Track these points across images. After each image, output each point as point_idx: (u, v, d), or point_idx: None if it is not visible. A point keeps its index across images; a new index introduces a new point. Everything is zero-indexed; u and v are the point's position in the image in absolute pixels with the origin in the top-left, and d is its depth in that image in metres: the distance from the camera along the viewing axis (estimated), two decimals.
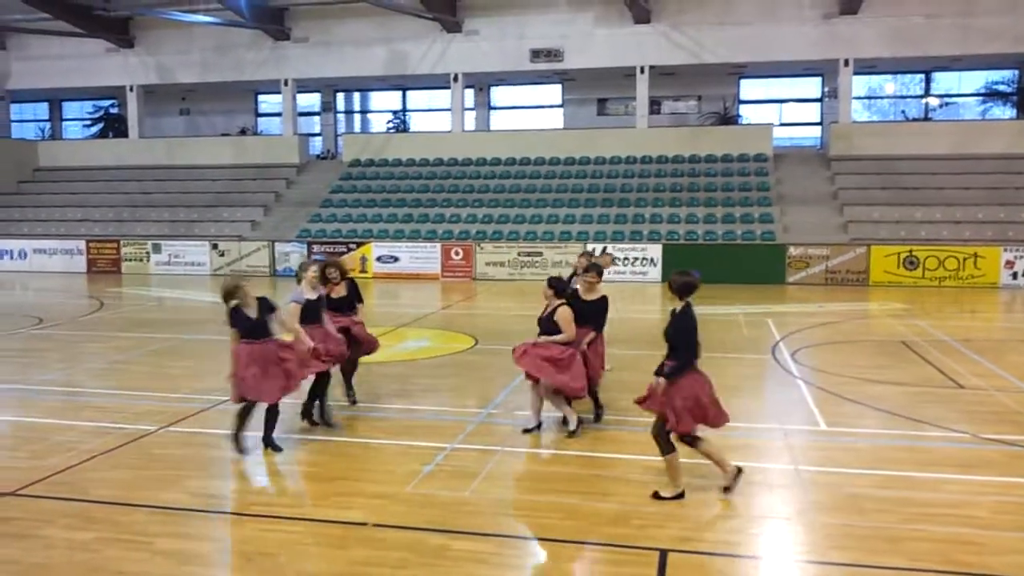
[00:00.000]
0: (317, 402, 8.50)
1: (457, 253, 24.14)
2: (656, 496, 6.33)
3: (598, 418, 8.45)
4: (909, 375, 10.84)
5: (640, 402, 6.52)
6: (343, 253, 24.36)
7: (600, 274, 8.51)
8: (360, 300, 9.07)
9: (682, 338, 6.29)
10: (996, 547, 5.50)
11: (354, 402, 9.23)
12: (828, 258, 22.20)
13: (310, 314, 8.21)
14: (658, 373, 6.38)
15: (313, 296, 8.25)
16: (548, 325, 7.93)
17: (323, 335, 8.27)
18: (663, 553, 5.40)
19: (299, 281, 8.33)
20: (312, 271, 8.34)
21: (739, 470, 6.47)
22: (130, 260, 26.41)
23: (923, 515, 6.02)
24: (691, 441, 6.36)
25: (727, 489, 6.42)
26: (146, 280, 24.42)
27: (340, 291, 8.86)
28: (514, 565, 5.28)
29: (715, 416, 6.38)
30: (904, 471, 7.00)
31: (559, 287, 8.08)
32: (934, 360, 11.72)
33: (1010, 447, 7.65)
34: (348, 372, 9.19)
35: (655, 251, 23.10)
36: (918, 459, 7.38)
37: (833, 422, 8.52)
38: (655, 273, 22.93)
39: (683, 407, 6.21)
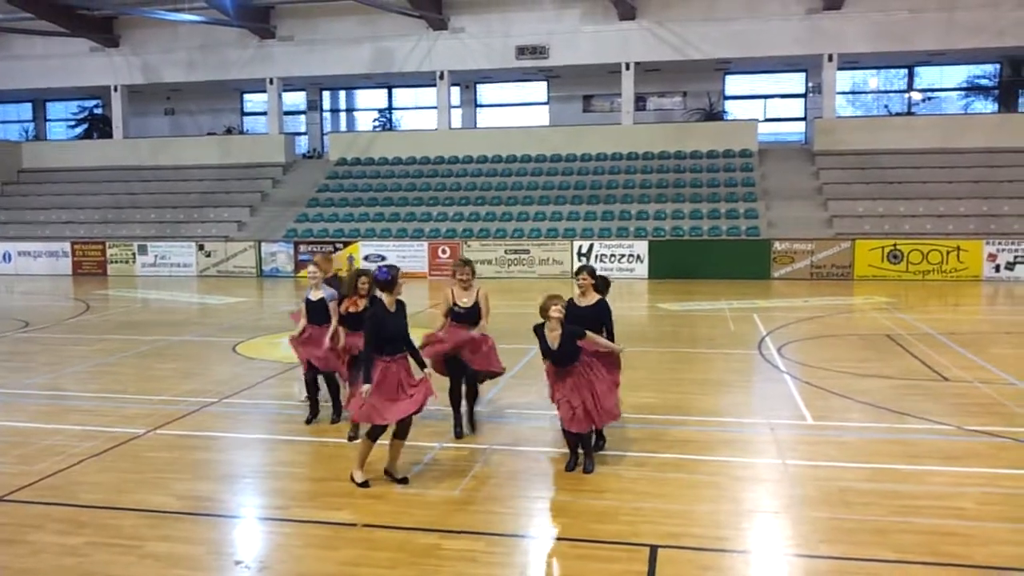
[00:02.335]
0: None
1: (444, 251, 24.12)
2: (363, 484, 6.56)
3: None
4: (894, 368, 10.92)
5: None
6: (330, 253, 24.29)
7: (592, 275, 7.36)
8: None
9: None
10: (982, 538, 5.57)
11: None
12: (813, 253, 22.32)
13: (311, 314, 8.35)
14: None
15: (314, 297, 8.34)
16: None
17: (306, 338, 8.31)
18: (653, 549, 5.43)
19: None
20: (308, 270, 8.47)
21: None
22: (116, 262, 26.25)
23: (909, 507, 6.08)
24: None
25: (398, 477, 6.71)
26: (132, 282, 24.28)
27: (361, 306, 7.85)
28: (505, 563, 5.29)
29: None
30: (890, 464, 7.07)
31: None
32: (919, 353, 11.82)
33: (994, 438, 7.72)
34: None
35: (641, 247, 23.17)
36: (904, 452, 7.45)
37: (820, 416, 8.58)
38: (642, 269, 23.00)
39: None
